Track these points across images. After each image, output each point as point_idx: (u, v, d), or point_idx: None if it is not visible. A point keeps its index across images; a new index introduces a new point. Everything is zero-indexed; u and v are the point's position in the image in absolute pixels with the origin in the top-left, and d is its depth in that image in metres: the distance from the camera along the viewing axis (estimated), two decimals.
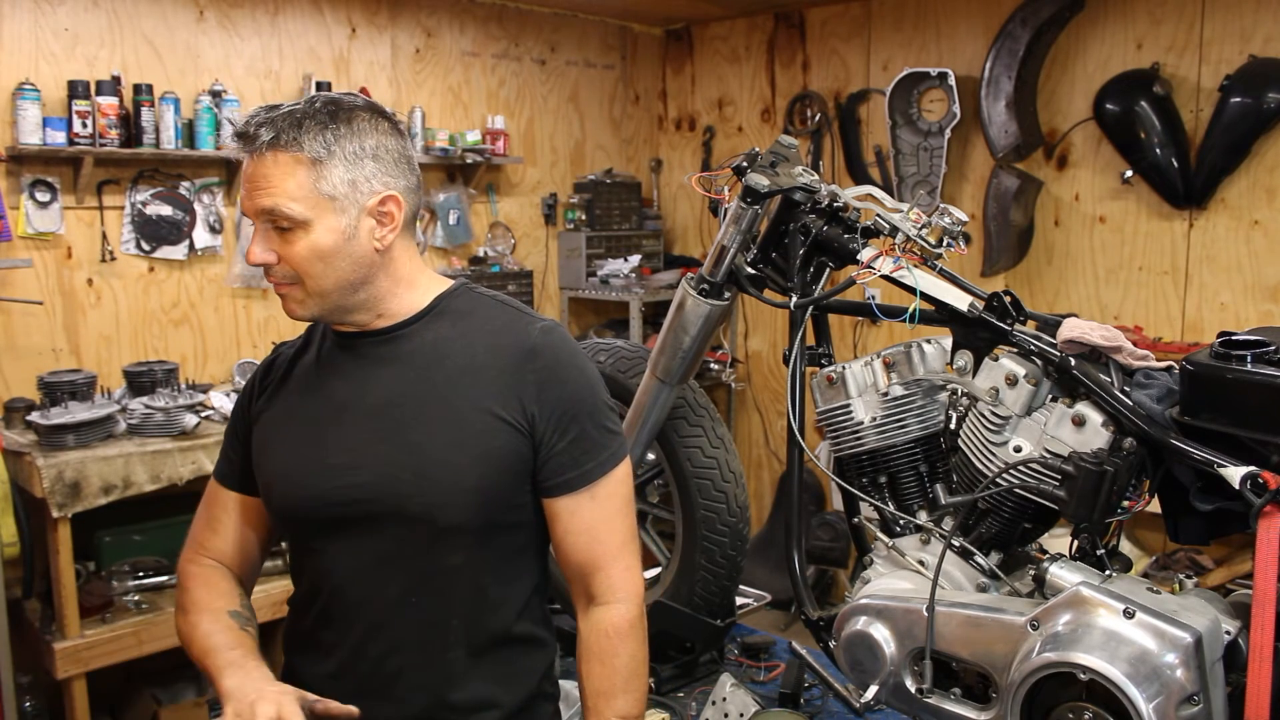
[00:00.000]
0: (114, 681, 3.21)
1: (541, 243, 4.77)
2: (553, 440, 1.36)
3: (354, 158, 1.31)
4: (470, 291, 1.46)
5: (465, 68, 4.40)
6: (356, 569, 1.36)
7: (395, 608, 1.36)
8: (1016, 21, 3.77)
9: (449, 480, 1.32)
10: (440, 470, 1.32)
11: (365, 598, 1.36)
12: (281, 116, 1.29)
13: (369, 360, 1.40)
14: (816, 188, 1.83)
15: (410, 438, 1.34)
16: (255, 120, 1.30)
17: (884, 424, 1.75)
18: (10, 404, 3.08)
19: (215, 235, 3.62)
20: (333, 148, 1.30)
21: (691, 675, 2.20)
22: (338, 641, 1.38)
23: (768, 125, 4.84)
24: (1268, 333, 1.46)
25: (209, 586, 1.45)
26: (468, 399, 1.35)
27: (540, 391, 1.36)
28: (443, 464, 1.33)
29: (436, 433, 1.34)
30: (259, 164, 1.29)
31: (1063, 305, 3.98)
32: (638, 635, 1.42)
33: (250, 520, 1.49)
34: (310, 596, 1.41)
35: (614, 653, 1.40)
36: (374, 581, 1.36)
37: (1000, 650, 1.49)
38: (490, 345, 1.38)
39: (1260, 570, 1.29)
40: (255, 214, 1.30)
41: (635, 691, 1.41)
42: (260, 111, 1.31)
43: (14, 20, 3.19)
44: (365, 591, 1.36)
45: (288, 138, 1.29)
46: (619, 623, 1.40)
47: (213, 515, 1.50)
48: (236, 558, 1.50)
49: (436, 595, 1.36)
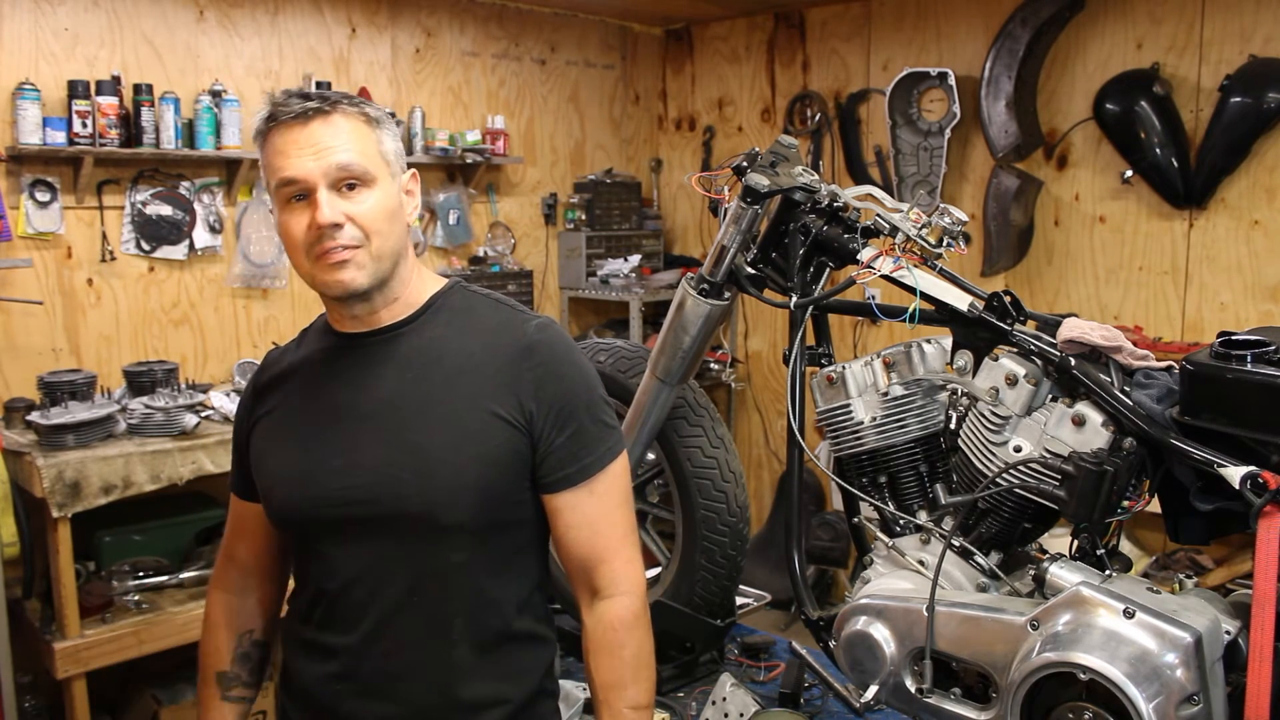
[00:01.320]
0: (114, 681, 3.21)
1: (541, 243, 4.77)
2: (551, 436, 1.36)
3: (393, 132, 1.40)
4: (465, 290, 1.47)
5: (465, 68, 4.40)
6: (359, 570, 1.36)
7: (398, 607, 1.36)
8: (1016, 21, 3.77)
9: (449, 479, 1.33)
10: (440, 469, 1.33)
11: (368, 598, 1.36)
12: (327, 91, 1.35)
13: (366, 361, 1.40)
14: (816, 188, 1.83)
15: (409, 438, 1.34)
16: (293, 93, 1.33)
17: (884, 424, 1.75)
18: (10, 404, 3.07)
19: (215, 235, 3.62)
20: (382, 117, 1.38)
21: (691, 675, 2.20)
22: (341, 643, 1.39)
23: (768, 125, 4.84)
24: (1268, 333, 1.46)
25: (213, 631, 1.53)
26: (466, 398, 1.35)
27: (538, 388, 1.36)
28: (442, 463, 1.33)
29: (435, 432, 1.34)
30: (324, 125, 1.31)
31: (1063, 305, 3.98)
32: (643, 626, 1.42)
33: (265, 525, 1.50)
34: (312, 599, 1.41)
35: (621, 644, 1.40)
36: (377, 582, 1.36)
37: (1000, 650, 1.49)
38: (486, 344, 1.39)
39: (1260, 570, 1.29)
40: (323, 174, 1.30)
41: (645, 681, 1.41)
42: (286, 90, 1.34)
43: (14, 20, 3.19)
44: (368, 592, 1.36)
45: (349, 101, 1.35)
46: (624, 615, 1.40)
47: (236, 527, 1.55)
48: (264, 562, 1.54)
49: (439, 594, 1.36)
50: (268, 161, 1.34)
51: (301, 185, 1.30)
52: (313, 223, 1.30)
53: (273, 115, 1.32)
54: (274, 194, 1.34)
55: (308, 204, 1.31)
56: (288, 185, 1.31)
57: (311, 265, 1.33)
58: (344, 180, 1.31)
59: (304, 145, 1.30)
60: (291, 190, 1.31)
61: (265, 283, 3.77)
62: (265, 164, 1.35)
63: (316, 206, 1.30)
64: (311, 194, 1.30)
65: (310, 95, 1.33)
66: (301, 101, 1.31)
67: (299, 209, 1.32)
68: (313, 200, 1.30)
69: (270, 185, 1.34)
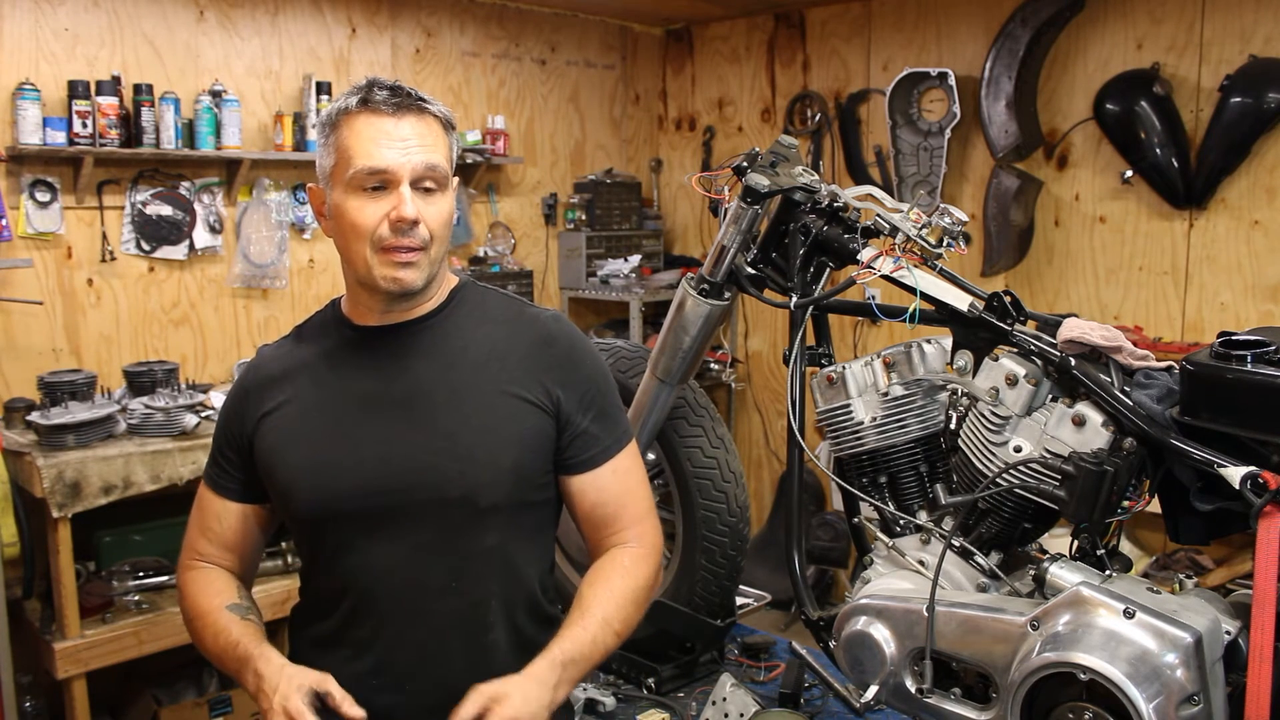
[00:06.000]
0: (114, 681, 3.21)
1: (541, 243, 4.77)
2: (577, 420, 1.42)
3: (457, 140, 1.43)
4: (476, 285, 1.51)
5: (465, 68, 4.40)
6: (394, 560, 1.36)
7: (436, 595, 1.37)
8: (1016, 21, 3.77)
9: (487, 461, 1.36)
10: (478, 452, 1.36)
11: (403, 588, 1.37)
12: (409, 87, 1.36)
13: (392, 353, 1.41)
14: (816, 188, 1.83)
15: (443, 424, 1.37)
16: (386, 84, 1.34)
17: (884, 424, 1.74)
18: (10, 404, 3.08)
19: (215, 235, 3.62)
20: (454, 122, 1.41)
21: (691, 675, 2.20)
22: (373, 636, 1.38)
23: (768, 125, 4.84)
24: (1268, 333, 1.46)
25: (205, 587, 1.45)
26: (494, 384, 1.39)
27: (562, 374, 1.42)
28: (479, 446, 1.36)
29: (469, 418, 1.37)
30: (418, 121, 1.33)
31: (1063, 305, 3.98)
32: (650, 570, 1.45)
33: (247, 525, 1.49)
34: (335, 596, 1.40)
35: (624, 570, 1.43)
36: (413, 571, 1.37)
37: (1000, 650, 1.49)
38: (507, 334, 1.44)
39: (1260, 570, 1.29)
40: (411, 170, 1.31)
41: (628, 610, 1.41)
42: (379, 80, 1.34)
43: (14, 20, 3.19)
44: (403, 582, 1.37)
45: (434, 102, 1.37)
46: (635, 553, 1.45)
47: (206, 523, 1.49)
48: (232, 562, 1.50)
49: (476, 577, 1.38)
50: (347, 144, 1.32)
51: (385, 176, 1.30)
52: (391, 215, 1.30)
53: (365, 99, 1.32)
54: (345, 179, 1.32)
55: (383, 195, 1.31)
56: (372, 174, 1.30)
57: (375, 256, 1.33)
58: (426, 179, 1.32)
59: (395, 137, 1.30)
60: (373, 179, 1.31)
61: (265, 283, 3.78)
62: (341, 146, 1.32)
63: (401, 200, 1.30)
64: (391, 186, 1.31)
65: (403, 89, 1.34)
66: (395, 94, 1.32)
67: (372, 198, 1.31)
68: (394, 193, 1.31)
69: (341, 169, 1.32)
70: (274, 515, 1.51)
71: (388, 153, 1.30)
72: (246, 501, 1.48)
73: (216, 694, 3.24)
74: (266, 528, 1.52)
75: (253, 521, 1.50)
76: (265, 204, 3.74)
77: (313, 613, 1.46)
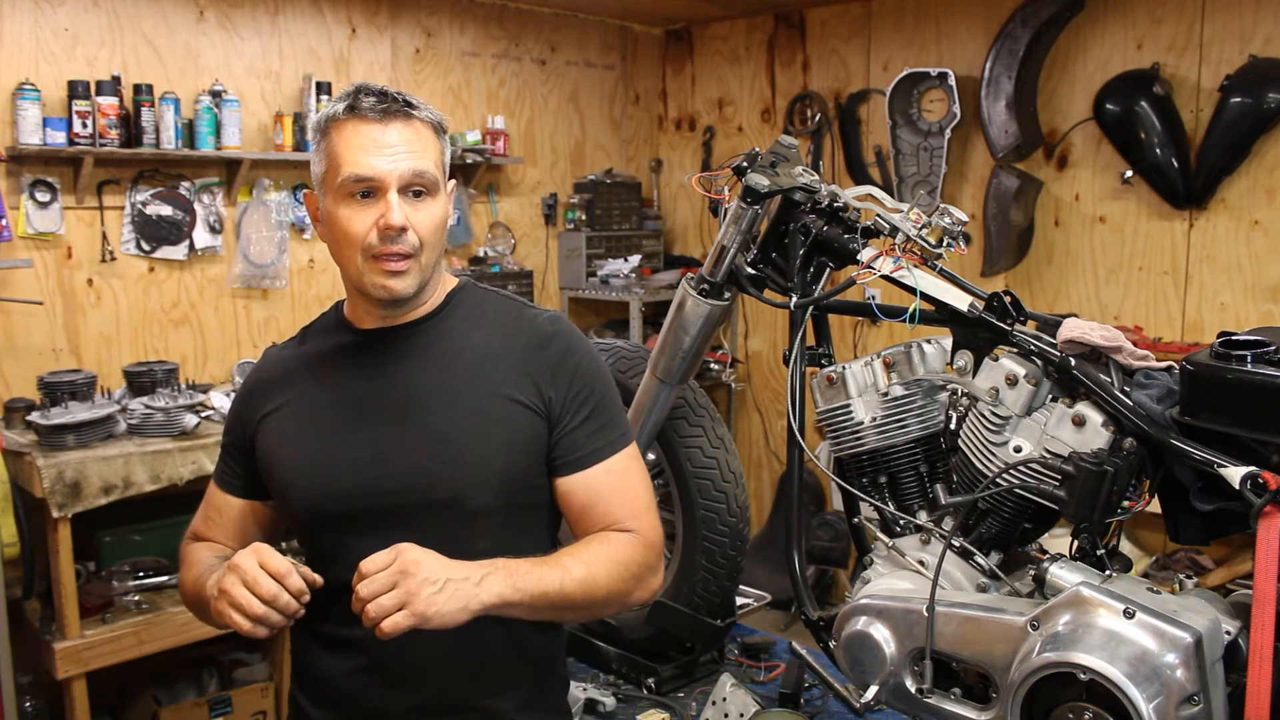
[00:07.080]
0: (114, 681, 3.21)
1: (541, 243, 4.77)
2: (569, 420, 1.41)
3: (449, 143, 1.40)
4: (475, 287, 1.51)
5: (465, 68, 4.40)
6: None
7: None
8: (1016, 21, 3.77)
9: (477, 464, 1.36)
10: (469, 455, 1.36)
11: None
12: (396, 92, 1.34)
13: (388, 355, 1.42)
14: (816, 188, 1.83)
15: (436, 427, 1.37)
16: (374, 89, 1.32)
17: (884, 424, 1.74)
18: (10, 404, 3.08)
19: (215, 235, 3.62)
20: (446, 126, 1.39)
21: (691, 675, 2.20)
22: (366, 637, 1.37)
23: (768, 125, 4.84)
24: (1268, 333, 1.46)
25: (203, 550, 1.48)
26: (488, 387, 1.39)
27: (556, 375, 1.41)
28: (470, 449, 1.36)
29: (461, 420, 1.37)
30: (405, 127, 1.32)
31: (1063, 305, 3.98)
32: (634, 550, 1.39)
33: (250, 522, 1.52)
34: (333, 595, 1.40)
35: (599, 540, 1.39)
36: None
37: (1000, 650, 1.49)
38: (503, 335, 1.43)
39: (1260, 570, 1.29)
40: (398, 177, 1.31)
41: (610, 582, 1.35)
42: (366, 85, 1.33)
43: (14, 20, 3.19)
44: None
45: (423, 107, 1.35)
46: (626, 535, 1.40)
47: (210, 516, 1.54)
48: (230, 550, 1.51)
49: None
50: (336, 152, 1.32)
51: (372, 184, 1.30)
52: (379, 223, 1.30)
53: (353, 106, 1.32)
54: (335, 186, 1.32)
55: (372, 202, 1.31)
56: (359, 181, 1.31)
57: (366, 264, 1.33)
58: (414, 186, 1.32)
59: (382, 144, 1.30)
60: (360, 186, 1.31)
61: (265, 283, 3.78)
62: (330, 153, 1.33)
63: (389, 208, 1.30)
64: (379, 193, 1.31)
65: (389, 94, 1.33)
66: (382, 99, 1.31)
67: (361, 205, 1.32)
68: (381, 200, 1.31)
69: (331, 176, 1.33)
70: (278, 514, 1.53)
71: (374, 160, 1.30)
72: (248, 498, 1.50)
73: (216, 694, 3.24)
74: (267, 526, 1.54)
75: (253, 518, 1.52)
76: (265, 204, 3.74)
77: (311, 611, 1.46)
